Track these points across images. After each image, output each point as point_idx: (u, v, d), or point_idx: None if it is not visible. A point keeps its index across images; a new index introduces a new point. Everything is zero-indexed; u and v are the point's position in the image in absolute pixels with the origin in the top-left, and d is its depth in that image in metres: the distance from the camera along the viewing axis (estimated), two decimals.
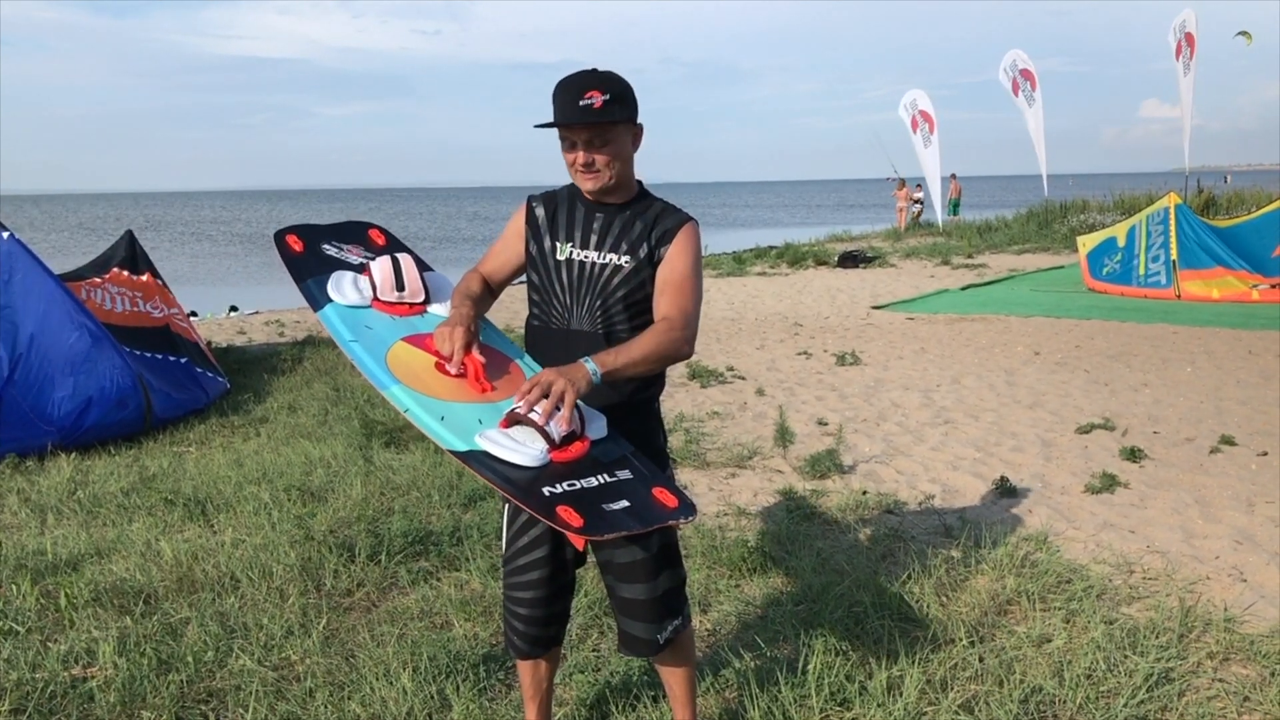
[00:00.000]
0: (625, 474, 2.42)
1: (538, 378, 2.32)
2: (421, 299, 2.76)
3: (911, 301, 13.85)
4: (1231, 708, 3.12)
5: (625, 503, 2.31)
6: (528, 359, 2.69)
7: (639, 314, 2.55)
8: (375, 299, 2.71)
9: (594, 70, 2.48)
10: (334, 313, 2.65)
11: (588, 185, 2.52)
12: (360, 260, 2.86)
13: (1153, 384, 7.96)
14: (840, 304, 13.78)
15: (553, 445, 2.35)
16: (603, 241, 2.55)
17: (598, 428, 2.49)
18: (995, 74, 25.06)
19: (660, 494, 2.38)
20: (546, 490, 2.27)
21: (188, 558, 4.31)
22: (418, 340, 2.62)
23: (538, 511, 2.22)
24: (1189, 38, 18.93)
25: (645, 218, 2.55)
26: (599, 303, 2.54)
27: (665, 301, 2.51)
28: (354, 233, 3.02)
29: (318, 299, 2.68)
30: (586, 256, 2.56)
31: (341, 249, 2.90)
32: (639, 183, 2.63)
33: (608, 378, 2.37)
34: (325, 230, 2.97)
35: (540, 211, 2.65)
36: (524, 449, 2.32)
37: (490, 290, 2.76)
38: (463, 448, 2.33)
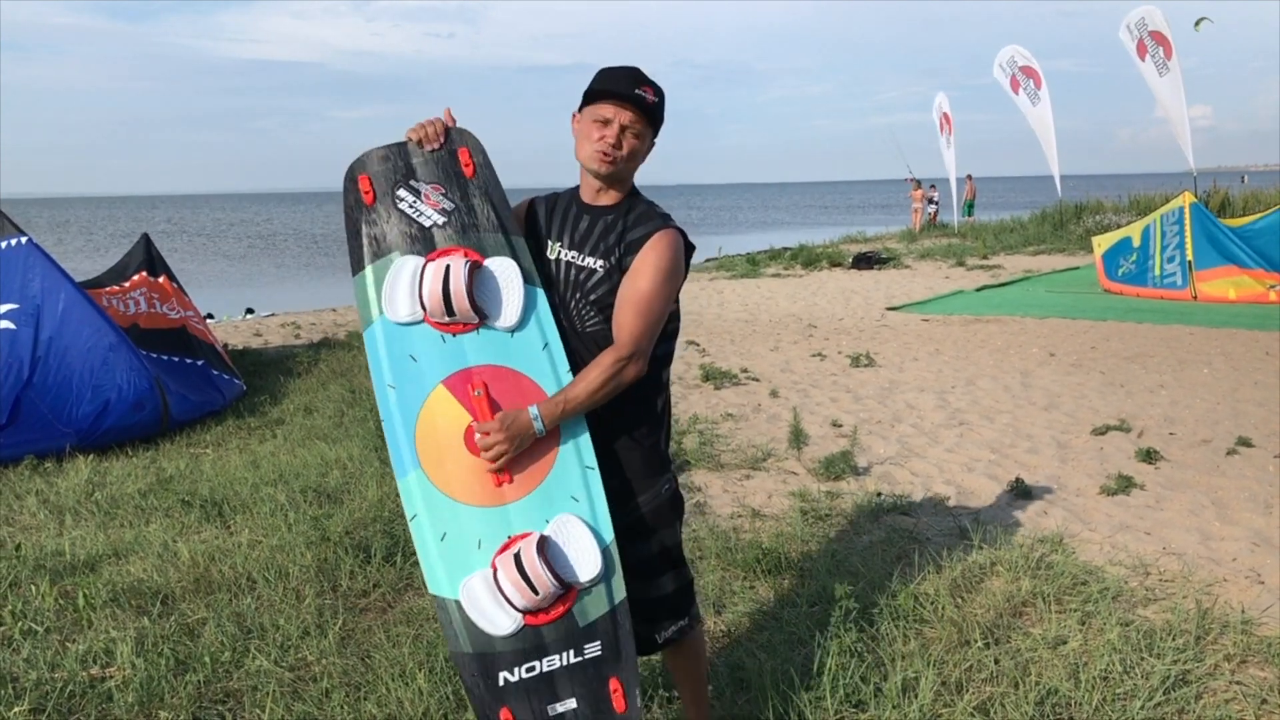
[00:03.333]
0: (594, 649, 2.38)
1: (483, 440, 2.40)
2: (475, 321, 2.51)
3: (926, 303, 13.81)
4: (1249, 710, 3.10)
5: (573, 703, 2.33)
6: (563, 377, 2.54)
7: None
8: (427, 317, 2.51)
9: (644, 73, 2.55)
10: (381, 332, 2.49)
11: (600, 166, 2.53)
12: (435, 217, 2.56)
13: (1169, 385, 7.92)
14: (854, 305, 13.75)
15: (533, 613, 2.34)
16: (584, 244, 2.58)
17: (590, 567, 2.38)
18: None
19: (615, 689, 2.37)
20: (502, 677, 2.31)
21: (204, 559, 4.34)
22: (458, 385, 2.47)
23: (478, 708, 2.29)
24: (1155, 36, 18.24)
25: (624, 222, 2.56)
26: (580, 304, 2.57)
27: (619, 318, 2.52)
28: (442, 160, 2.62)
29: (369, 305, 2.50)
30: (572, 257, 2.59)
31: (418, 197, 2.57)
32: (633, 186, 2.64)
33: (554, 423, 2.44)
34: (406, 164, 2.59)
35: (541, 210, 2.69)
36: (499, 617, 2.31)
37: None
38: (444, 594, 2.34)
